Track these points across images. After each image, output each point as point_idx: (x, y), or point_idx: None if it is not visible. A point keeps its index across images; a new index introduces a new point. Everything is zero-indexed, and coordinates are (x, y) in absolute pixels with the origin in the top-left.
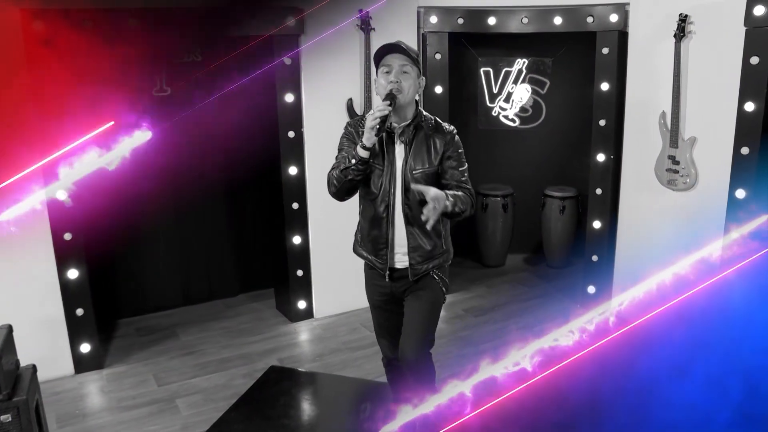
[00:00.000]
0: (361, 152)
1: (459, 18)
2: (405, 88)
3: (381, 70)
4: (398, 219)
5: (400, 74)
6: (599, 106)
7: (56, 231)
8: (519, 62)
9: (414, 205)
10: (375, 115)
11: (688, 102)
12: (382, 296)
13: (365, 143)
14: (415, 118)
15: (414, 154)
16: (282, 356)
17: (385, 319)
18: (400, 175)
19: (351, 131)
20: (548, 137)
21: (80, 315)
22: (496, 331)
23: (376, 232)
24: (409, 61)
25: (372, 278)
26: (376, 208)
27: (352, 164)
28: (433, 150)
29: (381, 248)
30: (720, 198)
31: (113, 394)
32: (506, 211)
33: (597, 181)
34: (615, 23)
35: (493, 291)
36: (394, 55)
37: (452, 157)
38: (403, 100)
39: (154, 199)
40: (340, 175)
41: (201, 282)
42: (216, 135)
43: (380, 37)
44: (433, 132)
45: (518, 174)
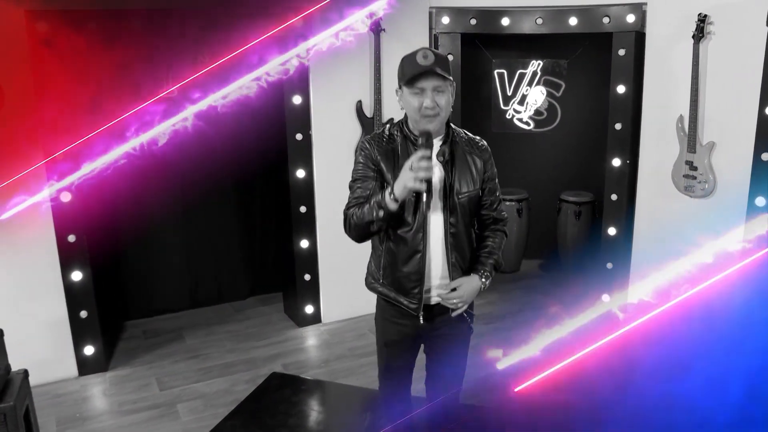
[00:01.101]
0: (391, 205)
1: (472, 18)
2: (442, 108)
3: (409, 90)
4: (438, 250)
5: (435, 95)
6: (615, 110)
7: (60, 233)
8: (534, 64)
9: (459, 233)
10: (419, 176)
11: (706, 105)
12: (401, 335)
13: (397, 195)
14: (448, 132)
15: (456, 175)
16: (287, 362)
17: (398, 361)
18: (441, 200)
19: (370, 153)
20: (563, 141)
21: (84, 317)
22: (506, 340)
23: (408, 268)
24: (442, 80)
25: (391, 315)
26: (410, 241)
27: (381, 217)
28: (475, 169)
29: (414, 287)
30: (739, 206)
31: (115, 398)
32: (521, 216)
33: (612, 186)
34: (632, 24)
35: (505, 298)
36: (426, 77)
37: (491, 179)
38: (441, 122)
39: (163, 201)
40: (363, 224)
41: (210, 284)
42: (224, 136)
43: (391, 38)
44: (470, 148)
45: (533, 178)
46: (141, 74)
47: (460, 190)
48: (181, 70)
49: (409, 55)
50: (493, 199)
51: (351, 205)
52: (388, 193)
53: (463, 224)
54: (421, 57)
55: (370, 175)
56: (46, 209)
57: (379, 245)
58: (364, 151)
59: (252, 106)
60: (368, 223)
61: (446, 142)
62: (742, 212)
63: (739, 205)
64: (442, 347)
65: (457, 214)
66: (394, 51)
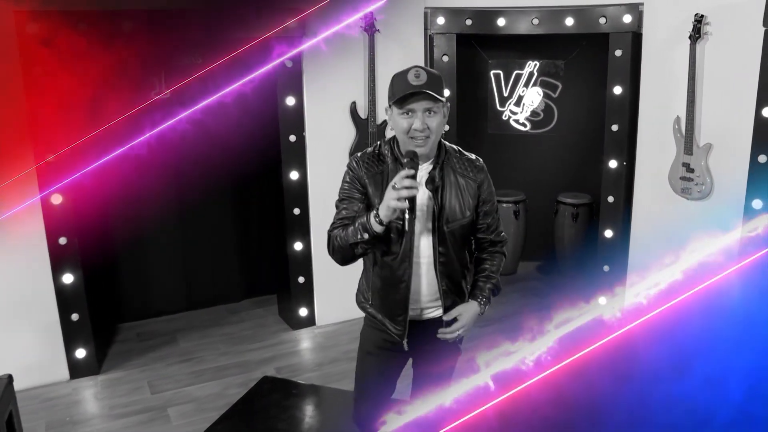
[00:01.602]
0: (376, 227)
1: (467, 19)
2: (433, 131)
3: (399, 110)
4: (428, 276)
5: (426, 117)
6: (612, 111)
7: (51, 235)
8: (530, 65)
9: (450, 260)
10: (401, 194)
11: (703, 107)
12: (386, 343)
13: (383, 218)
14: (439, 155)
15: (447, 202)
16: (280, 365)
17: (379, 371)
18: (431, 230)
19: (356, 174)
20: (561, 142)
21: (75, 320)
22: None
23: (393, 296)
24: (434, 102)
25: (378, 325)
26: (395, 270)
27: (365, 239)
28: (468, 194)
29: (399, 314)
30: (736, 208)
31: (106, 401)
32: (518, 218)
33: (609, 188)
34: (629, 24)
35: (502, 300)
36: (417, 98)
37: (488, 201)
38: (431, 146)
39: (158, 203)
40: (346, 246)
41: (205, 287)
42: (218, 137)
43: (386, 39)
44: (463, 170)
45: (530, 180)
46: (135, 76)
47: (449, 219)
48: (174, 72)
49: (401, 73)
50: (490, 222)
51: (336, 226)
52: (373, 215)
53: (455, 251)
54: (413, 76)
55: (356, 196)
56: (37, 211)
57: (370, 267)
58: (352, 172)
59: (246, 107)
60: (352, 246)
61: (436, 166)
62: (739, 215)
63: (735, 208)
64: (430, 366)
65: (447, 242)
66: (388, 52)
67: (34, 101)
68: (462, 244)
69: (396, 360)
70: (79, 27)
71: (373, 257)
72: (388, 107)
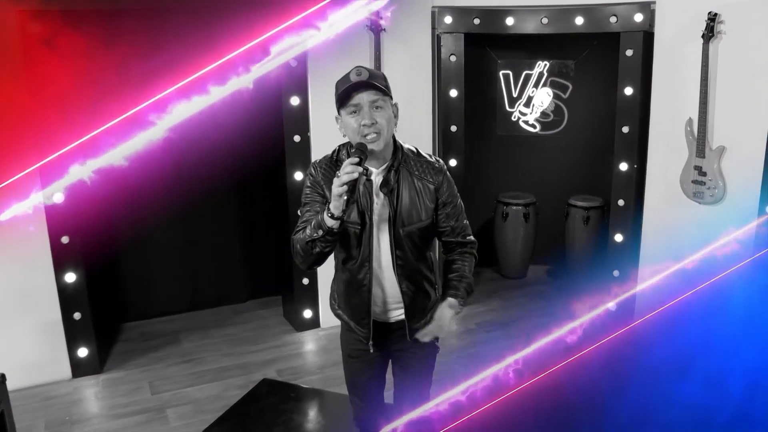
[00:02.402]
0: (329, 222)
1: (475, 18)
2: (383, 128)
3: (346, 110)
4: (390, 279)
5: (373, 112)
6: (622, 112)
7: (53, 234)
8: (540, 65)
9: (409, 263)
10: (342, 180)
11: (716, 108)
12: (361, 344)
13: (333, 211)
14: (395, 158)
15: (403, 205)
16: (281, 367)
17: (363, 373)
18: (388, 234)
19: (315, 179)
20: (571, 144)
21: (77, 319)
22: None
23: (355, 300)
24: (380, 94)
25: (349, 328)
26: (355, 274)
27: (319, 236)
28: (426, 197)
29: (363, 317)
30: (749, 213)
31: (106, 401)
32: (528, 221)
33: (620, 191)
34: (640, 23)
35: (510, 304)
36: (361, 92)
37: (449, 203)
38: (383, 143)
39: (162, 203)
40: (305, 246)
41: (209, 287)
42: (223, 137)
43: (392, 38)
44: (420, 172)
45: (540, 182)
46: (137, 75)
47: (405, 222)
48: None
49: (343, 76)
50: (454, 225)
51: (298, 229)
52: (325, 210)
53: (413, 254)
54: (354, 74)
55: (318, 200)
56: (39, 210)
57: (338, 271)
58: (311, 177)
59: (251, 107)
60: (310, 245)
61: (391, 169)
62: (753, 220)
63: (749, 213)
64: (408, 364)
65: (404, 246)
66: (395, 51)
67: (36, 100)
68: (422, 246)
69: (377, 360)
70: (80, 26)
71: (337, 263)
72: (337, 116)
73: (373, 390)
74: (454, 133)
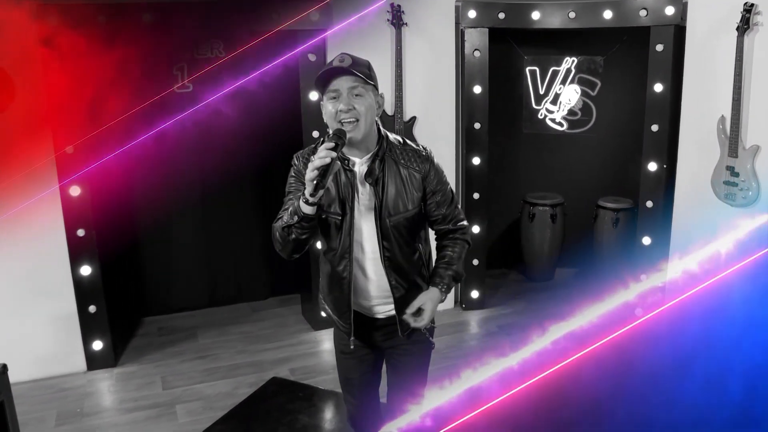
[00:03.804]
0: (305, 208)
1: (500, 12)
2: (361, 114)
3: (327, 96)
4: (376, 273)
5: (352, 99)
6: (652, 110)
7: (69, 227)
8: (567, 61)
9: (397, 254)
10: (314, 164)
11: (750, 105)
12: (355, 344)
13: (308, 198)
14: (380, 147)
15: (389, 195)
16: (294, 366)
17: (355, 370)
18: (374, 224)
19: (297, 168)
20: (600, 143)
21: (93, 312)
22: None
23: (336, 293)
24: (360, 82)
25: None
26: (335, 266)
27: (294, 222)
28: (411, 185)
29: (344, 311)
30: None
31: (117, 395)
32: (555, 222)
33: (648, 192)
34: (671, 17)
35: (536, 308)
36: (340, 78)
37: (438, 191)
38: (362, 130)
39: (182, 198)
40: (282, 233)
41: (229, 284)
42: (242, 134)
43: (414, 33)
44: (406, 161)
45: (568, 182)
46: (156, 67)
47: (391, 212)
48: (196, 63)
49: (327, 63)
50: (446, 213)
51: (278, 217)
52: (301, 197)
53: (400, 245)
54: (337, 61)
55: (301, 189)
56: (56, 202)
57: (321, 263)
58: (293, 167)
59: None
60: (286, 230)
61: (375, 159)
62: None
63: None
64: (401, 362)
65: (391, 236)
66: (417, 46)
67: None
68: (410, 237)
69: (369, 357)
70: (100, 19)
71: (321, 255)
72: (322, 101)
73: (366, 388)
74: (478, 130)
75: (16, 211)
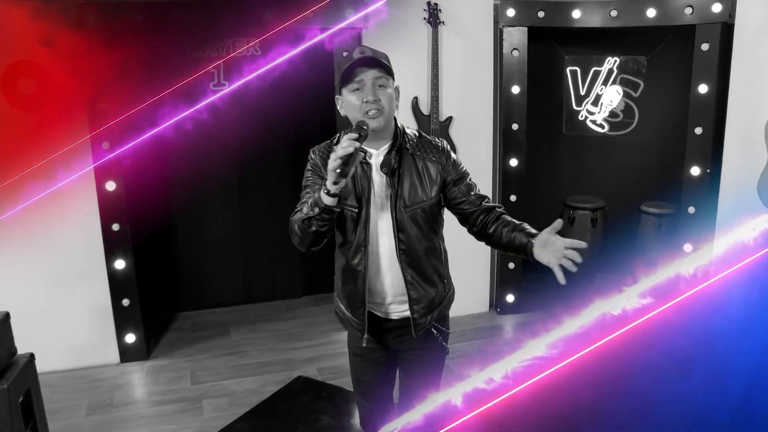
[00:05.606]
0: (326, 199)
1: (539, 11)
2: (385, 106)
3: (349, 87)
4: (391, 268)
5: (376, 90)
6: (696, 112)
7: (105, 221)
8: (609, 61)
9: (413, 248)
10: (337, 153)
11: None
12: (368, 343)
13: (329, 188)
14: (396, 139)
15: (404, 186)
16: (323, 365)
17: (368, 372)
18: (390, 216)
19: (314, 162)
20: (643, 145)
21: (126, 305)
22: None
23: (350, 287)
24: (383, 73)
25: (349, 323)
26: (350, 260)
27: (315, 213)
28: (427, 177)
29: (358, 306)
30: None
31: (147, 387)
32: (595, 227)
33: (690, 198)
34: (718, 14)
35: (571, 313)
36: (365, 69)
37: (460, 180)
38: (385, 121)
39: (219, 195)
40: (302, 225)
41: (264, 281)
42: (279, 132)
43: (451, 32)
44: (422, 153)
45: (610, 185)
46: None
47: (408, 203)
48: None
49: (345, 57)
50: (473, 198)
51: (296, 210)
52: (322, 188)
53: (417, 237)
54: (358, 52)
55: (318, 182)
56: (92, 196)
57: (336, 258)
58: (310, 161)
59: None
60: (306, 223)
61: (392, 150)
62: None
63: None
64: (414, 367)
65: (406, 228)
66: (454, 45)
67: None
68: (427, 230)
69: (382, 359)
70: (135, 16)
71: (336, 248)
72: (338, 96)
73: (378, 391)
74: (516, 131)
75: (54, 206)
